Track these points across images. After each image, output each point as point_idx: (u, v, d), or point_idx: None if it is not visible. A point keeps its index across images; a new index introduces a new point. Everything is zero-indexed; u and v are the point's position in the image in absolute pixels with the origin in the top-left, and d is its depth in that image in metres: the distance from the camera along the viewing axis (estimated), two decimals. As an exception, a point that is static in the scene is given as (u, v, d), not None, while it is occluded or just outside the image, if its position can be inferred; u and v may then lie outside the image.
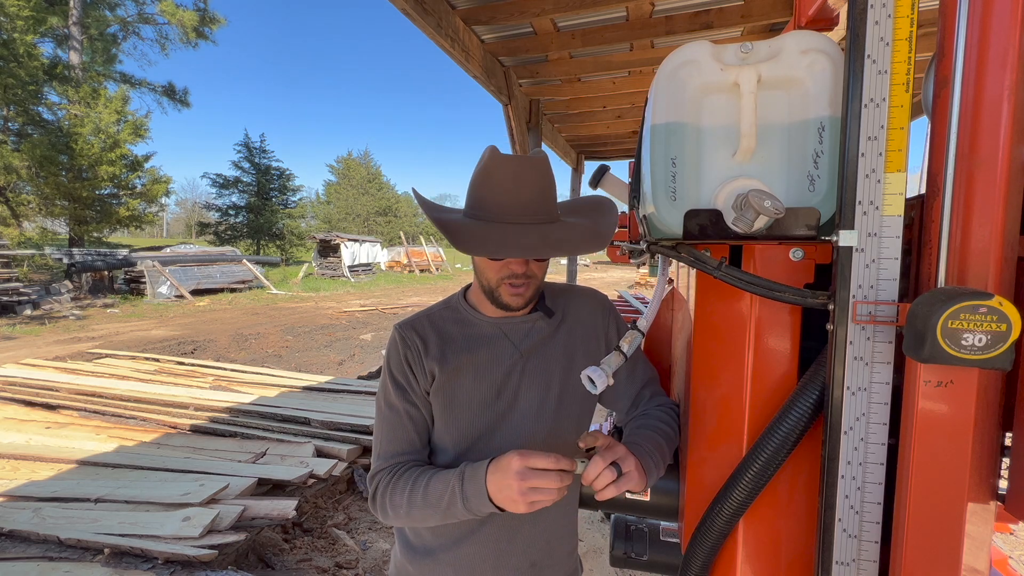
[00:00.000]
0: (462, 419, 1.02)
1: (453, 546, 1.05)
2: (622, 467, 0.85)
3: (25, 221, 17.22)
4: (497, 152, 0.96)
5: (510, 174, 0.94)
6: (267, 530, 3.03)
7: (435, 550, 1.07)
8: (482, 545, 1.04)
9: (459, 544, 1.05)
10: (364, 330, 10.65)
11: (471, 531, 1.04)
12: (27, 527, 2.72)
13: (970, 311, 0.56)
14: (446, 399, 1.02)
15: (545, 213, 0.97)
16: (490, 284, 1.01)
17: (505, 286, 0.99)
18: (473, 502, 0.88)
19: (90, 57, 20.37)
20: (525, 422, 1.03)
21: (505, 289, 0.99)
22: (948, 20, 0.62)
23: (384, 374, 1.07)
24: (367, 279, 22.41)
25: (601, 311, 1.13)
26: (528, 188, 0.95)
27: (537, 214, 0.96)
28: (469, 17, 3.21)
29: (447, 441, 1.04)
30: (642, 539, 1.14)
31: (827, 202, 0.72)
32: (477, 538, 1.04)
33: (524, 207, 0.95)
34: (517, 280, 0.98)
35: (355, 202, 51.37)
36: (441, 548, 1.06)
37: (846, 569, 0.70)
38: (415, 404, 1.04)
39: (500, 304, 1.02)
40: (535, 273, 1.01)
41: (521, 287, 0.99)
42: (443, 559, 1.06)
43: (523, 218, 0.94)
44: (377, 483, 1.01)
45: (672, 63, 0.76)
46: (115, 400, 4.95)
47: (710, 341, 0.86)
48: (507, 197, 0.94)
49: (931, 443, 0.63)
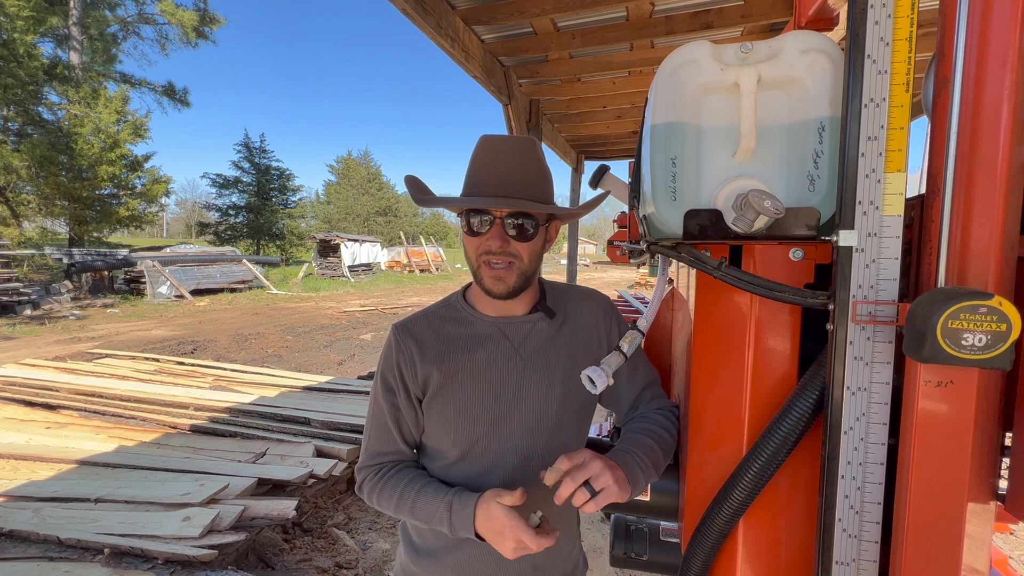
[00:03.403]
0: (460, 422, 1.01)
1: (455, 548, 1.05)
2: (595, 485, 0.84)
3: (25, 221, 17.22)
4: (487, 135, 0.99)
5: (491, 149, 0.97)
6: (267, 530, 3.03)
7: (438, 552, 1.07)
8: (485, 548, 1.03)
9: (461, 547, 1.05)
10: (364, 330, 10.65)
11: None
12: (27, 527, 2.71)
13: (970, 311, 0.56)
14: (444, 402, 1.01)
15: (524, 189, 0.95)
16: (472, 266, 1.00)
17: (484, 267, 0.97)
18: (461, 533, 0.93)
19: (90, 57, 20.36)
20: (525, 426, 1.02)
21: (484, 271, 0.98)
22: (948, 20, 0.62)
23: (377, 372, 1.08)
24: (367, 279, 22.42)
25: (603, 312, 1.12)
26: (505, 161, 0.95)
27: (516, 188, 0.95)
28: (469, 17, 3.21)
29: (446, 443, 1.03)
30: (642, 539, 1.14)
31: (827, 202, 0.72)
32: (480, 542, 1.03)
33: (500, 179, 0.95)
34: (495, 259, 0.96)
35: (355, 202, 51.40)
36: (444, 550, 1.06)
37: (846, 569, 0.70)
38: (400, 408, 1.04)
39: (484, 288, 1.00)
40: (517, 253, 0.97)
41: (501, 269, 0.96)
42: (446, 561, 1.06)
43: (498, 191, 0.94)
44: (364, 478, 1.06)
45: (672, 63, 0.76)
46: (115, 400, 4.94)
47: (710, 341, 0.86)
48: (485, 170, 0.96)
49: (931, 443, 0.63)
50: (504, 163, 0.96)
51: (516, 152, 0.97)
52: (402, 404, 1.04)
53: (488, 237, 0.96)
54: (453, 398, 1.01)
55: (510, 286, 0.98)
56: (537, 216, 0.97)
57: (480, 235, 0.97)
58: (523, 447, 1.02)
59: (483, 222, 0.96)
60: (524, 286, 1.01)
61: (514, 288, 0.98)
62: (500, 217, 0.96)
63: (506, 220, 0.96)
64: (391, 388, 1.04)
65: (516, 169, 0.96)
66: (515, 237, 0.96)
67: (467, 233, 0.99)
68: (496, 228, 0.96)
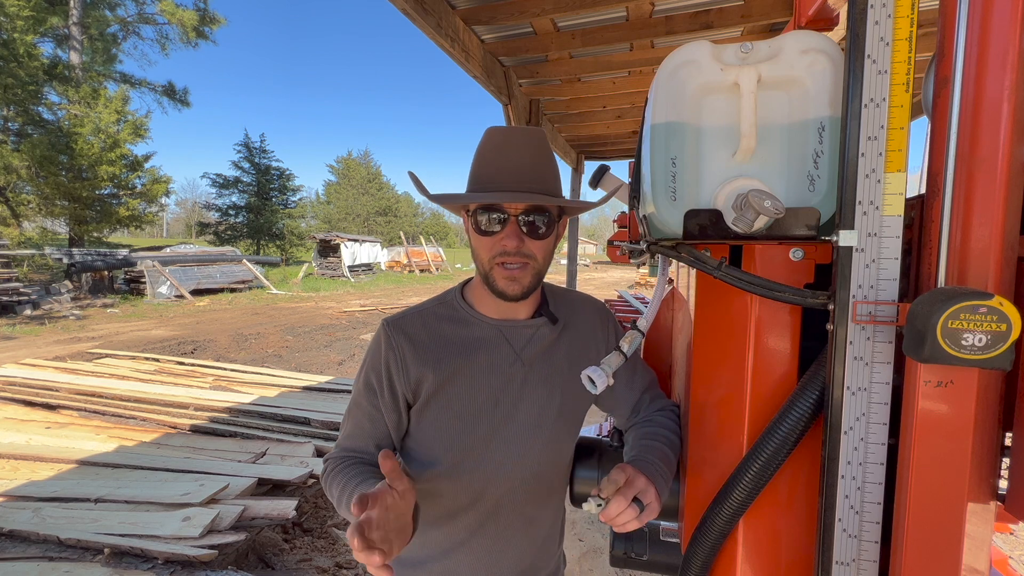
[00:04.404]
0: (455, 428, 0.96)
1: (443, 557, 1.02)
2: (643, 500, 0.81)
3: (25, 221, 17.22)
4: (493, 127, 0.94)
5: (501, 142, 0.92)
6: (267, 530, 3.02)
7: (424, 561, 1.03)
8: (474, 556, 1.01)
9: (448, 555, 1.02)
10: (364, 330, 10.65)
11: (462, 542, 1.01)
12: (27, 527, 2.71)
13: (970, 311, 0.56)
14: (438, 407, 0.97)
15: (539, 183, 0.91)
16: (484, 268, 0.94)
17: (498, 268, 0.92)
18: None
19: (90, 57, 20.36)
20: (522, 433, 0.99)
21: (498, 272, 0.92)
22: (948, 20, 0.62)
23: (361, 367, 1.02)
24: (367, 279, 22.42)
25: (601, 320, 1.10)
26: (519, 155, 0.90)
27: (531, 183, 0.90)
28: (469, 17, 3.21)
29: (438, 450, 0.97)
30: (642, 539, 1.14)
31: (827, 202, 0.72)
32: (469, 549, 1.01)
33: (513, 173, 0.90)
34: (510, 260, 0.91)
35: (355, 202, 51.42)
36: (431, 559, 1.03)
37: (846, 569, 0.70)
38: (380, 410, 0.99)
39: (496, 291, 0.94)
40: (532, 253, 0.92)
41: (516, 269, 0.91)
42: (434, 569, 1.03)
43: (512, 186, 0.90)
44: (326, 467, 1.00)
45: (672, 63, 0.76)
46: (115, 400, 4.95)
47: (710, 341, 0.86)
48: (496, 164, 0.91)
49: (931, 443, 0.63)
50: (516, 156, 0.90)
51: (528, 145, 0.92)
52: (384, 407, 0.98)
53: (503, 236, 0.91)
54: (449, 404, 0.96)
55: (524, 287, 0.93)
56: (551, 212, 0.93)
57: (492, 234, 0.91)
58: (519, 454, 0.99)
59: (496, 220, 0.91)
60: (536, 287, 0.97)
61: (528, 289, 0.94)
62: (515, 214, 0.91)
63: (520, 217, 0.91)
64: (373, 389, 0.99)
65: (529, 162, 0.91)
66: (530, 235, 0.92)
67: (477, 232, 0.93)
68: (511, 226, 0.91)
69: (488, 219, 0.91)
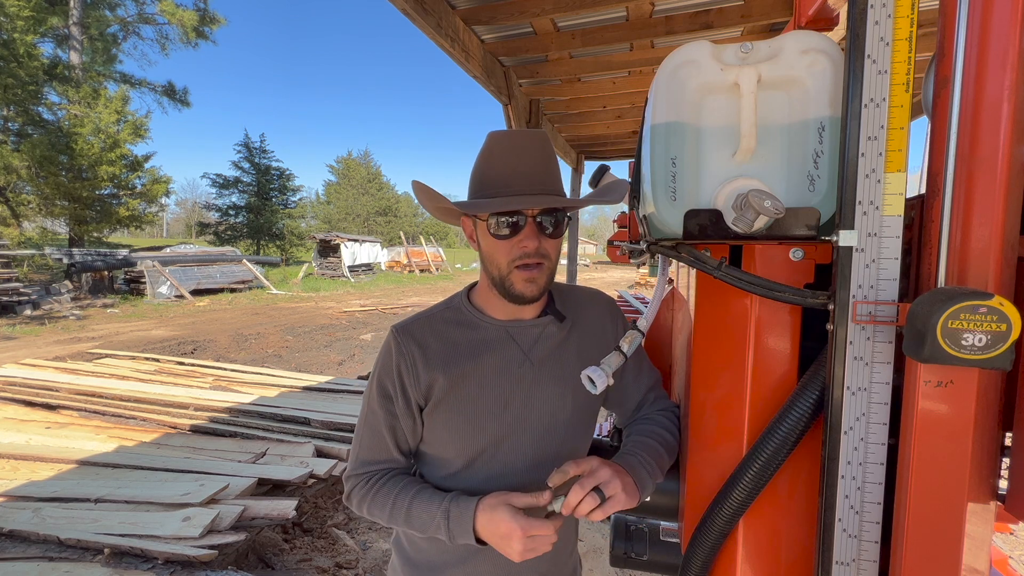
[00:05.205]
0: (466, 431, 0.97)
1: (460, 562, 1.01)
2: (605, 491, 0.82)
3: (25, 221, 17.24)
4: (496, 131, 0.95)
5: (509, 146, 0.93)
6: (267, 530, 3.03)
7: (440, 566, 1.03)
8: (492, 563, 1.01)
9: (466, 561, 1.01)
10: (364, 330, 10.65)
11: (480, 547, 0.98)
12: (27, 527, 2.71)
13: (970, 311, 0.56)
14: (449, 410, 0.97)
15: (550, 185, 0.94)
16: (501, 272, 0.94)
17: (516, 272, 0.93)
18: (460, 540, 0.89)
19: (90, 57, 20.37)
20: (535, 434, 0.99)
21: (517, 275, 0.93)
22: (948, 20, 0.62)
23: (373, 376, 1.02)
24: (367, 279, 22.42)
25: (609, 315, 1.10)
26: (529, 158, 0.92)
27: (543, 185, 0.93)
28: (469, 17, 3.21)
29: (451, 452, 0.99)
30: (642, 539, 1.14)
31: (827, 202, 0.72)
32: (487, 554, 0.99)
33: (526, 177, 0.92)
34: (530, 260, 0.92)
35: (355, 202, 51.43)
36: (448, 564, 1.02)
37: (846, 569, 0.70)
38: (396, 416, 0.99)
39: (512, 295, 0.95)
40: (548, 253, 0.94)
41: (534, 270, 0.93)
42: (450, 575, 1.03)
43: (526, 189, 0.91)
44: (353, 486, 1.01)
45: (672, 63, 0.76)
46: (115, 400, 4.95)
47: (710, 341, 0.86)
48: (509, 168, 0.92)
49: (931, 443, 0.63)
50: (528, 159, 0.93)
51: (536, 147, 0.94)
52: (400, 411, 0.99)
53: (523, 238, 0.92)
54: (459, 406, 0.97)
55: (541, 287, 0.95)
56: (562, 211, 0.95)
57: (510, 237, 0.92)
58: (532, 456, 0.99)
59: (514, 223, 0.92)
60: (549, 286, 0.98)
61: (543, 289, 0.96)
62: (532, 216, 0.92)
63: (537, 219, 0.92)
64: (388, 395, 0.99)
65: (540, 165, 0.93)
66: (546, 235, 0.94)
67: (494, 236, 0.93)
68: (530, 227, 0.92)
69: (507, 222, 0.92)
